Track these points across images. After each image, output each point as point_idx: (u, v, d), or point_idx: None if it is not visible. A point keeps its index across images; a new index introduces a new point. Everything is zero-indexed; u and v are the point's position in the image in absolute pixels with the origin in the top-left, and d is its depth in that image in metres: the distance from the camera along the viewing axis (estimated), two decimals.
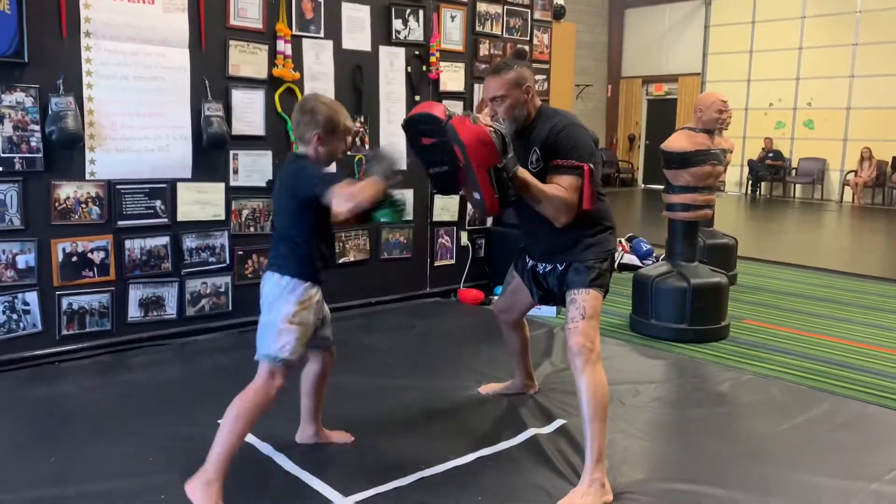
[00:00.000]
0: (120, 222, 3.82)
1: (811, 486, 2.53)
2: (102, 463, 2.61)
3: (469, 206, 5.25)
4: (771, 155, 14.60)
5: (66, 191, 3.65)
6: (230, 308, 4.25)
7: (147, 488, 2.43)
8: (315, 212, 2.35)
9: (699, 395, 3.43)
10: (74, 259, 3.70)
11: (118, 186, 3.80)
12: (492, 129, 2.32)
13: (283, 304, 2.38)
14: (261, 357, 2.38)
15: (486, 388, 3.39)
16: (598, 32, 16.84)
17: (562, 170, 2.52)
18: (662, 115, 16.53)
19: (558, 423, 3.01)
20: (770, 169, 14.54)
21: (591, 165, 2.52)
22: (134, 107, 3.81)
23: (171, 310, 4.04)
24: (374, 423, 2.99)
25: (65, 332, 3.71)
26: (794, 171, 14.58)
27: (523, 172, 2.46)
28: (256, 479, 2.52)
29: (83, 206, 3.71)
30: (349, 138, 2.56)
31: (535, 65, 5.56)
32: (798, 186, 14.66)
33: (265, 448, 2.72)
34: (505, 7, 5.33)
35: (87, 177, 3.70)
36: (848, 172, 13.86)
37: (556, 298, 2.79)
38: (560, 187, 2.51)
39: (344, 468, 2.60)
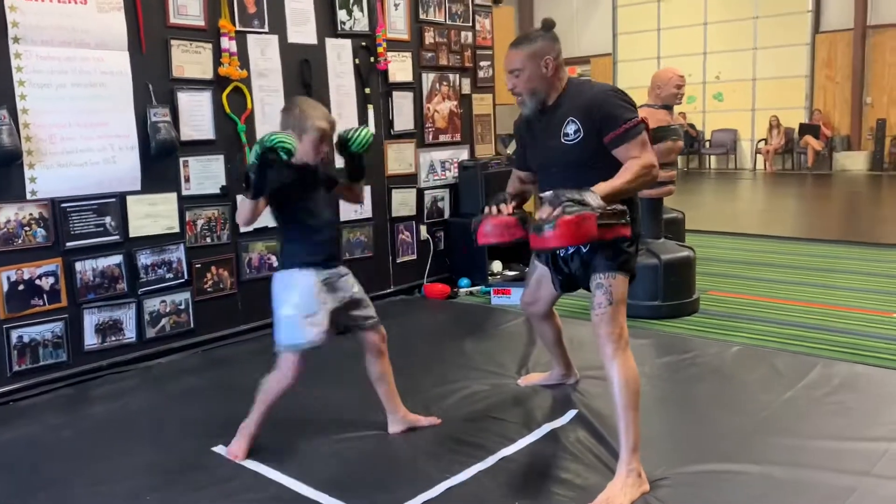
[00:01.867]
0: (68, 243, 3.51)
1: (836, 452, 2.54)
2: None
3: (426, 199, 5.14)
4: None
5: (6, 213, 3.32)
6: (192, 326, 3.99)
7: None
8: (280, 202, 2.59)
9: (695, 371, 3.43)
10: (21, 287, 3.37)
11: (63, 205, 3.48)
12: (562, 211, 2.24)
13: (284, 295, 2.59)
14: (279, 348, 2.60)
15: (526, 380, 3.31)
16: None
17: (628, 134, 2.41)
18: None
19: (571, 413, 2.94)
20: (688, 142, 14.93)
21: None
22: (74, 116, 3.50)
23: (130, 333, 3.75)
24: (381, 434, 2.84)
25: (16, 367, 3.38)
26: (707, 143, 15.07)
27: (603, 190, 2.33)
28: None
29: (26, 228, 3.38)
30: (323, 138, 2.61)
31: (478, 51, 5.47)
32: (713, 157, 15.16)
33: (277, 476, 2.53)
34: None
35: (29, 196, 3.38)
36: (759, 141, 14.43)
37: (577, 284, 2.69)
38: (633, 159, 2.41)
39: (366, 486, 2.44)
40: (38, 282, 3.43)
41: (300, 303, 2.56)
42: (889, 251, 6.04)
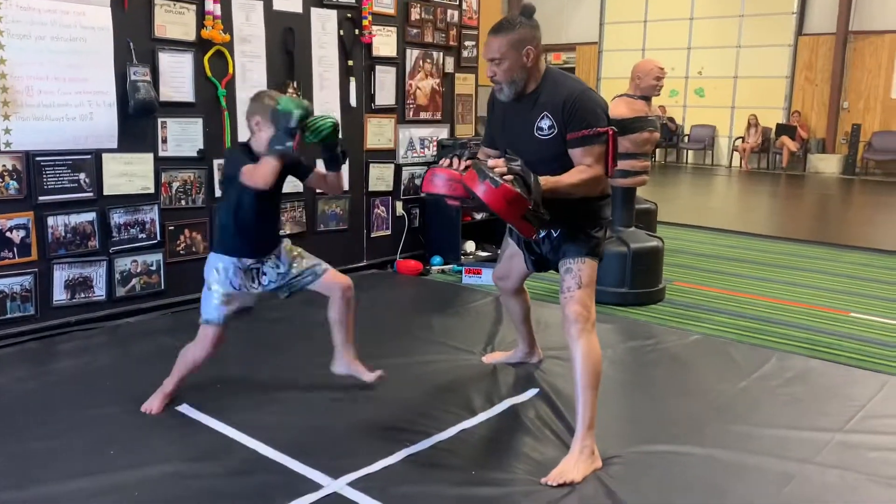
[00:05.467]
0: (41, 198, 3.49)
1: (782, 440, 2.64)
2: (60, 460, 2.40)
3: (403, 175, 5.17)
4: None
5: None
6: (163, 287, 4.00)
7: (116, 486, 2.25)
8: (239, 191, 2.65)
9: (655, 356, 3.52)
10: None
11: (38, 158, 3.47)
12: (512, 179, 2.24)
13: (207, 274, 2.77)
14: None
15: (490, 358, 3.36)
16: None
17: (588, 140, 2.43)
18: None
19: (533, 391, 3.01)
20: (666, 135, 15.06)
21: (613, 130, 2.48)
22: (52, 70, 3.48)
23: (99, 291, 3.75)
24: (345, 402, 2.89)
25: None
26: (686, 138, 15.21)
27: (548, 184, 2.35)
28: (239, 469, 2.37)
29: None
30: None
31: (464, 30, 5.49)
32: (690, 152, 15.32)
33: (240, 436, 2.57)
34: None
35: (3, 148, 3.36)
36: (736, 139, 14.59)
37: (549, 265, 2.75)
38: (585, 166, 2.44)
39: (327, 451, 2.49)
40: (8, 234, 3.42)
41: (220, 283, 2.72)
42: (851, 252, 6.19)
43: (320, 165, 2.82)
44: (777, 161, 14.09)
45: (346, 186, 3.03)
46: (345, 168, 2.89)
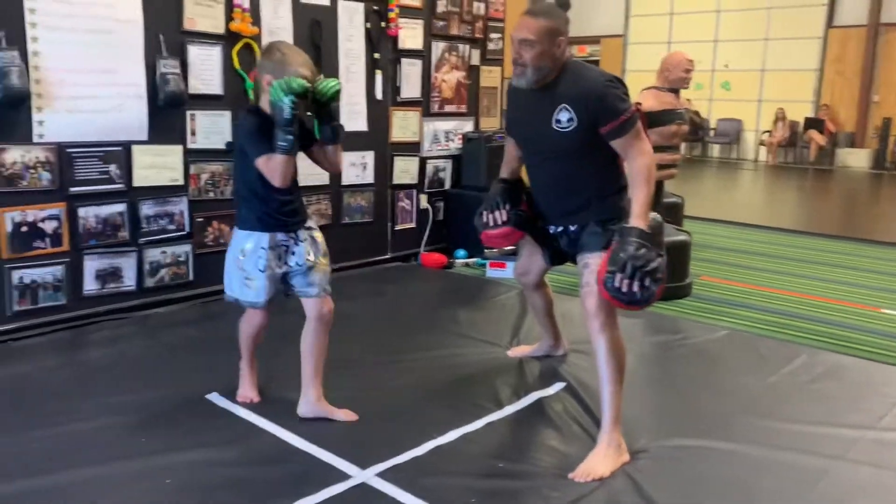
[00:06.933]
0: (72, 189, 3.54)
1: (813, 436, 2.61)
2: (91, 446, 2.43)
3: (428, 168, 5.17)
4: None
5: (13, 155, 3.34)
6: (191, 278, 4.03)
7: (148, 471, 2.28)
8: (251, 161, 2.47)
9: (682, 351, 3.49)
10: (24, 229, 3.41)
11: (69, 150, 3.51)
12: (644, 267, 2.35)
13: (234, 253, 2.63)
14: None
15: (515, 352, 3.36)
16: None
17: (627, 126, 2.44)
18: None
19: (559, 385, 3.00)
20: (692, 129, 14.92)
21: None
22: (84, 62, 3.51)
23: (129, 281, 3.79)
24: (372, 394, 2.90)
25: (16, 307, 3.43)
26: (712, 132, 15.05)
27: (641, 218, 2.40)
28: (268, 458, 2.40)
29: (32, 171, 3.41)
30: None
31: (490, 23, 5.46)
32: (716, 146, 15.15)
33: (270, 427, 2.59)
34: None
35: (36, 139, 3.40)
36: (763, 132, 14.41)
37: (566, 258, 2.75)
38: (638, 162, 2.46)
39: (355, 442, 2.50)
40: (41, 224, 3.46)
41: (246, 264, 2.58)
42: (881, 248, 6.10)
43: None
44: (805, 155, 13.89)
45: (342, 167, 2.87)
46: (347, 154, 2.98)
